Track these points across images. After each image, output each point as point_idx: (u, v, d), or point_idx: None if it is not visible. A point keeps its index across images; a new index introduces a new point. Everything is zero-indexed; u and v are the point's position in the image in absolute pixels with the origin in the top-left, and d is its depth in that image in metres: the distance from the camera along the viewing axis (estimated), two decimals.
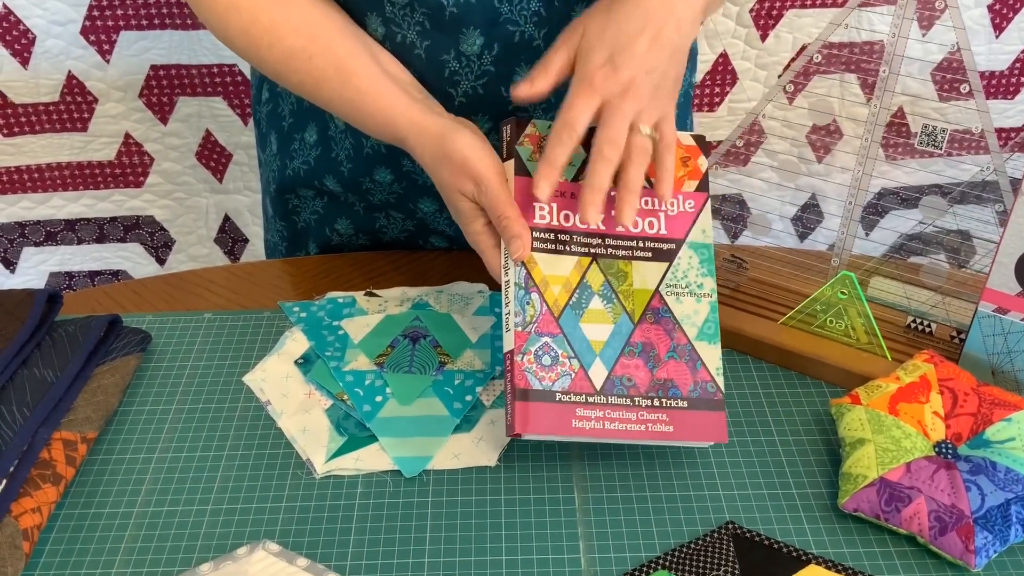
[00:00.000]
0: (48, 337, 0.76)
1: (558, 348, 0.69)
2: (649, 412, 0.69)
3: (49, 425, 0.68)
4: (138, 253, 1.64)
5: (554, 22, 0.80)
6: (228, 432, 0.74)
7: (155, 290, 0.91)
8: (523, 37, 0.80)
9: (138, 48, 1.43)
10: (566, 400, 0.67)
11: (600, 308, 0.71)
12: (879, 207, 1.69)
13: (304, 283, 0.92)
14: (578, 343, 0.69)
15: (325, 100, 0.80)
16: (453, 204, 0.74)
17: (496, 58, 0.81)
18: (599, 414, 0.68)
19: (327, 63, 0.78)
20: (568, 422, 0.67)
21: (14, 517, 0.62)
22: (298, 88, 0.80)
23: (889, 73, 0.71)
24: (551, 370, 0.68)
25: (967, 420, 0.68)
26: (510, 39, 0.80)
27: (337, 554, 0.65)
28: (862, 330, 0.77)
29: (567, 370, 0.68)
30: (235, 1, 0.78)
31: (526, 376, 0.67)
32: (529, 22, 0.80)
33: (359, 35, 0.81)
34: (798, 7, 1.49)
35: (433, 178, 0.75)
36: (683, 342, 0.71)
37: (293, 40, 0.78)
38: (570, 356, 0.69)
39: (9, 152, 1.50)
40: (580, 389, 0.68)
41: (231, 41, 0.81)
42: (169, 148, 1.54)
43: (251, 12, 0.78)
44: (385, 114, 0.76)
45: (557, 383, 0.68)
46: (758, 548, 0.64)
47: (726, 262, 0.85)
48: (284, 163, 0.96)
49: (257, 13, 0.78)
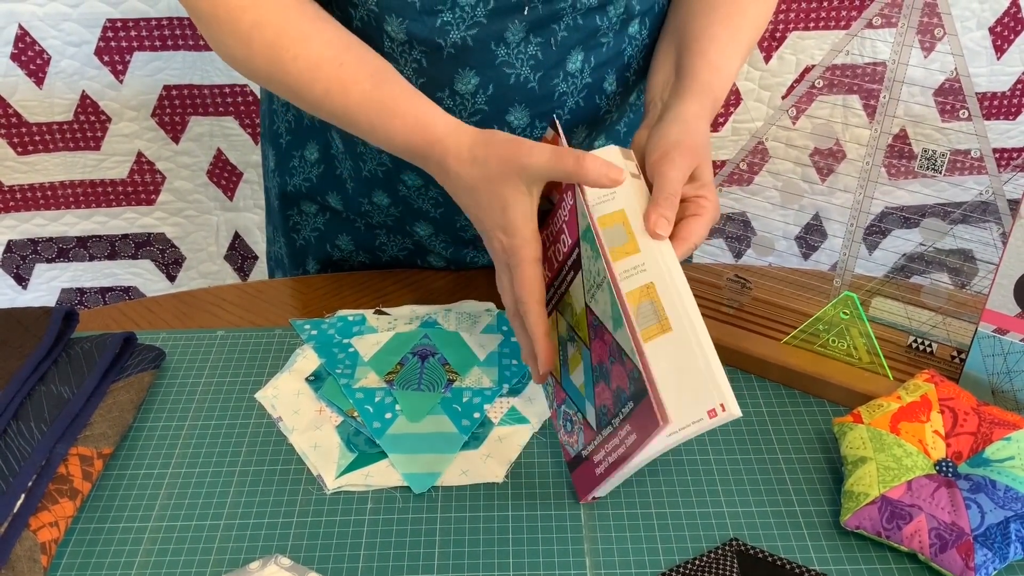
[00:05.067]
0: (64, 354, 0.78)
1: (569, 410, 0.71)
2: (621, 430, 0.65)
3: (66, 441, 0.70)
4: (149, 270, 1.66)
5: (549, 64, 0.82)
6: (240, 448, 0.76)
7: (168, 308, 0.92)
8: (518, 79, 0.82)
9: (151, 68, 1.45)
10: (586, 455, 0.69)
11: (573, 352, 0.71)
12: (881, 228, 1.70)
13: (314, 301, 0.93)
14: (574, 395, 0.71)
15: (350, 107, 0.76)
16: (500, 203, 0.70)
17: (490, 98, 0.82)
18: (601, 456, 0.67)
19: (361, 67, 0.75)
20: (594, 474, 0.68)
21: (32, 531, 0.63)
22: (321, 97, 0.76)
23: (889, 99, 0.72)
24: (572, 434, 0.71)
25: (967, 439, 0.69)
26: (505, 80, 0.82)
27: (348, 569, 0.66)
28: (864, 350, 0.78)
29: (580, 426, 0.70)
30: (260, 18, 0.76)
31: (566, 449, 0.72)
32: (526, 65, 0.81)
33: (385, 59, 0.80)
34: (801, 29, 1.51)
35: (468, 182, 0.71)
36: (610, 341, 0.66)
37: (323, 50, 0.76)
38: (576, 411, 0.71)
39: (23, 170, 1.52)
40: (589, 439, 0.69)
41: (252, 59, 0.78)
42: (181, 167, 1.56)
43: (277, 27, 0.76)
44: (418, 118, 0.73)
45: (579, 443, 0.70)
46: (762, 565, 0.65)
47: (730, 282, 0.86)
48: (284, 179, 0.98)
49: (284, 26, 0.76)
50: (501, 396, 0.79)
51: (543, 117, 0.85)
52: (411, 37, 0.79)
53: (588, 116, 0.88)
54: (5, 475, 0.64)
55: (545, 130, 0.86)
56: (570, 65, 0.83)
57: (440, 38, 0.78)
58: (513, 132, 0.85)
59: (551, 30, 0.80)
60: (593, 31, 0.82)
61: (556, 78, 0.83)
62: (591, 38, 0.83)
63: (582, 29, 0.81)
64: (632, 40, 0.87)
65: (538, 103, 0.84)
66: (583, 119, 0.88)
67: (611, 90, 0.88)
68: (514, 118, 0.84)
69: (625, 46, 0.86)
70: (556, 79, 0.83)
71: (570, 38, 0.81)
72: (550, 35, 0.80)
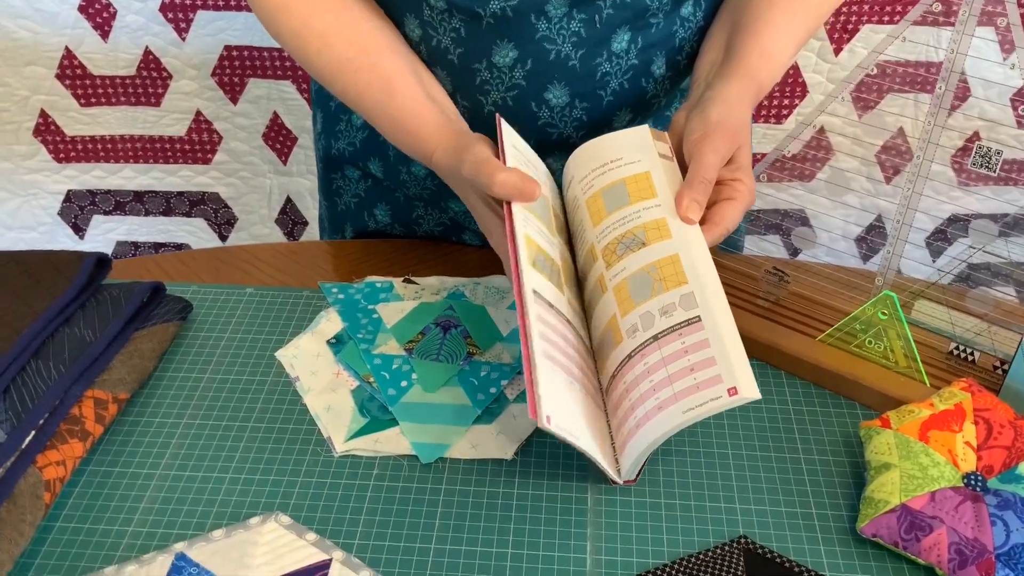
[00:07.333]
0: (93, 299, 0.78)
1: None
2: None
3: (83, 383, 0.70)
4: (201, 228, 1.68)
5: (592, 43, 0.80)
6: (256, 404, 0.76)
7: (202, 262, 0.93)
8: (559, 56, 0.80)
9: (214, 28, 1.47)
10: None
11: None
12: (947, 234, 1.64)
13: (345, 266, 0.93)
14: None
15: (365, 111, 0.81)
16: (470, 204, 0.76)
17: (528, 73, 0.81)
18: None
19: (373, 78, 0.79)
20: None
21: (38, 468, 0.64)
22: (341, 95, 0.81)
23: (945, 90, 0.69)
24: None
25: (1000, 453, 0.66)
26: (544, 56, 0.80)
27: (347, 532, 0.65)
28: (901, 353, 0.75)
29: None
30: (287, 4, 0.79)
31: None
32: (567, 41, 0.79)
33: (406, 54, 0.82)
34: (875, 23, 1.45)
35: (454, 187, 0.78)
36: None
37: (343, 50, 0.79)
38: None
39: (85, 122, 1.55)
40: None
41: (281, 40, 0.82)
42: (237, 127, 1.58)
43: (302, 17, 0.79)
44: (418, 133, 0.78)
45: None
46: (769, 565, 0.63)
47: (768, 274, 0.83)
48: (329, 142, 0.98)
49: (309, 19, 0.79)
50: (520, 374, 0.77)
51: (584, 97, 0.83)
52: (451, 5, 0.77)
53: (633, 100, 0.85)
54: (18, 411, 0.65)
55: (585, 110, 0.84)
56: (615, 45, 0.81)
57: (479, 7, 0.77)
58: (551, 110, 0.83)
59: (596, 6, 0.78)
60: (642, 10, 0.79)
61: (599, 57, 0.81)
62: (639, 18, 0.80)
63: (629, 7, 0.79)
64: (685, 22, 0.84)
65: (579, 82, 0.82)
66: (628, 102, 0.85)
67: (660, 74, 0.85)
68: (552, 96, 0.82)
69: (677, 28, 0.83)
70: (599, 58, 0.81)
71: (616, 16, 0.79)
72: (594, 11, 0.78)
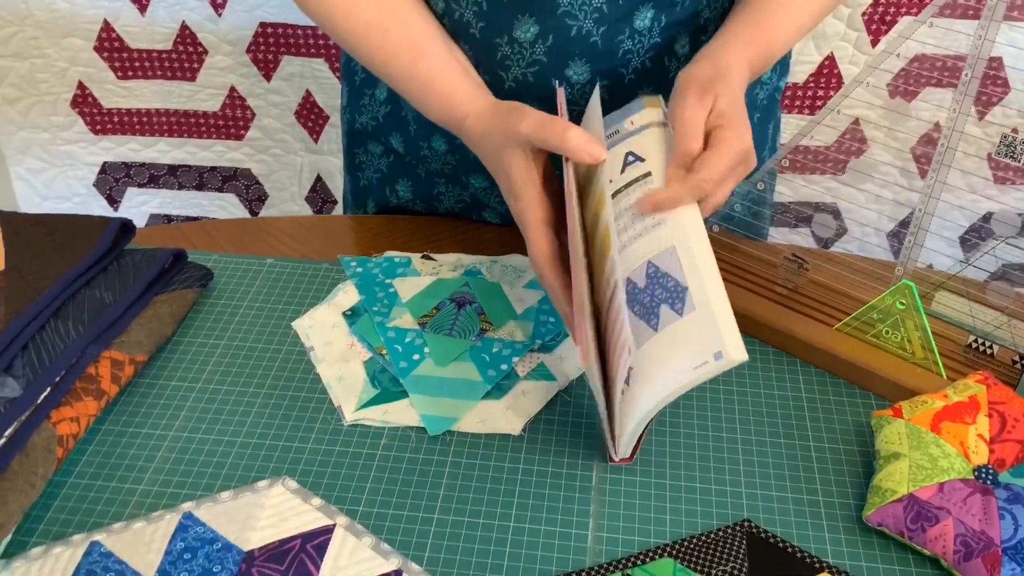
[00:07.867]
0: (115, 263, 0.80)
1: None
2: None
3: (100, 343, 0.72)
4: (233, 203, 1.70)
5: (614, 19, 0.79)
6: (269, 372, 0.77)
7: (225, 232, 0.94)
8: (580, 32, 0.79)
9: (249, 4, 1.48)
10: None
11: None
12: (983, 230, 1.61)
13: (365, 240, 0.93)
14: None
15: (393, 76, 0.80)
16: (499, 171, 0.74)
17: (549, 49, 0.80)
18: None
19: (402, 39, 0.79)
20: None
21: (52, 423, 0.65)
22: (367, 60, 0.81)
23: (971, 77, 0.68)
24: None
25: (1013, 447, 0.65)
26: (566, 32, 0.79)
27: (351, 499, 0.66)
28: (918, 344, 0.74)
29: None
30: None
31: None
32: (589, 17, 0.79)
33: (434, 21, 0.82)
34: (913, 14, 1.42)
35: (482, 155, 0.76)
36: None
37: (372, 13, 0.79)
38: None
39: (122, 94, 1.57)
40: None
41: (309, 8, 0.81)
42: (270, 105, 1.59)
43: None
44: (450, 97, 0.78)
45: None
46: (771, 549, 0.62)
47: (787, 261, 0.82)
48: (353, 116, 0.98)
49: None
50: (532, 351, 0.77)
51: (605, 75, 0.82)
52: None
53: (655, 79, 0.85)
54: (35, 367, 0.67)
55: (606, 88, 0.83)
56: (638, 22, 0.80)
57: None
58: (571, 87, 0.83)
59: None
60: None
61: (621, 34, 0.80)
62: None
63: None
64: (711, 2, 0.83)
65: (600, 59, 0.81)
66: (650, 81, 0.85)
67: (683, 53, 0.85)
68: (573, 72, 0.82)
69: (702, 7, 0.83)
70: (621, 35, 0.80)
71: None
72: None
